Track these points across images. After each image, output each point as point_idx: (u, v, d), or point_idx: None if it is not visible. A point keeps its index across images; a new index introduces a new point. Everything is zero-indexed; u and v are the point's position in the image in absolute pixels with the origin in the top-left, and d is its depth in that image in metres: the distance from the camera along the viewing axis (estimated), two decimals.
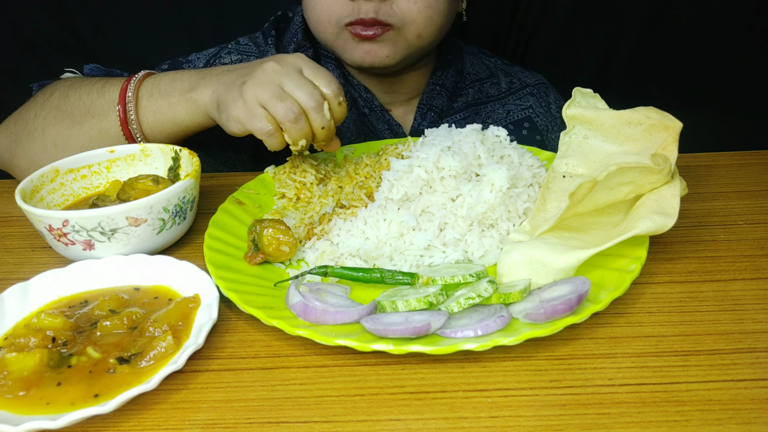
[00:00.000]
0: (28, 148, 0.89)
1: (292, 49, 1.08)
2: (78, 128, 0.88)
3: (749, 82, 1.48)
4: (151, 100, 0.86)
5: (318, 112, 0.77)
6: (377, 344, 0.55)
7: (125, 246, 0.72)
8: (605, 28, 1.45)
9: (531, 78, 1.22)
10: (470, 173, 0.75)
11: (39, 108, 0.90)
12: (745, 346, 0.56)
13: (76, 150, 0.86)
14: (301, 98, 0.76)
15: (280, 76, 0.77)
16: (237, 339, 0.62)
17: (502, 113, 1.17)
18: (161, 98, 0.86)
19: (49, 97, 0.90)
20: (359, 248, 0.71)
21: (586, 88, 0.79)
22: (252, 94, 0.76)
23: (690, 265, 0.69)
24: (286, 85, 0.76)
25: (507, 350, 0.57)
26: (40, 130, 0.88)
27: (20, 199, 0.73)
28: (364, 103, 1.10)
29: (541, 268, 0.63)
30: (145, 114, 0.86)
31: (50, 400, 0.52)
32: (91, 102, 0.88)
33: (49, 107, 0.89)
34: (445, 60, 1.14)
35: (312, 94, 0.77)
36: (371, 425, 0.50)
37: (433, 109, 1.12)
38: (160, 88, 0.86)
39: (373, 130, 1.12)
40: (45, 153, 0.88)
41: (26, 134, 0.89)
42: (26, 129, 0.90)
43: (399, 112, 1.15)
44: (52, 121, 0.88)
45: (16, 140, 0.90)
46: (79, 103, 0.88)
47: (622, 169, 0.63)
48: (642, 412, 0.50)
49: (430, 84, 1.13)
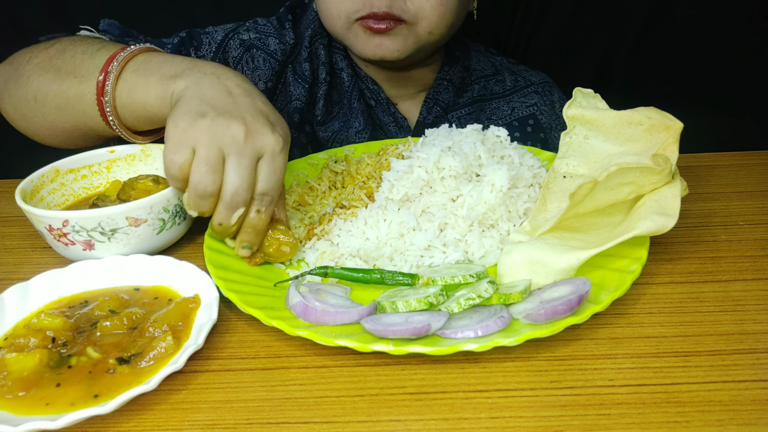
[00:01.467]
0: (13, 93, 0.86)
1: (308, 35, 1.09)
2: (57, 85, 0.82)
3: (749, 82, 1.47)
4: (133, 75, 0.76)
5: (228, 208, 0.66)
6: (377, 345, 0.55)
7: (125, 246, 0.72)
8: (605, 28, 1.45)
9: (536, 77, 1.23)
10: (470, 173, 0.75)
11: (35, 54, 0.86)
12: (745, 347, 0.56)
13: (51, 107, 0.81)
14: (227, 183, 0.65)
15: (232, 147, 0.65)
16: (237, 339, 0.62)
17: (507, 110, 1.18)
18: (143, 76, 0.75)
19: (48, 48, 0.86)
20: (359, 248, 0.71)
21: (587, 88, 0.79)
22: (197, 133, 0.65)
23: (691, 265, 0.69)
24: (230, 160, 0.65)
25: (507, 351, 0.57)
26: (25, 77, 0.84)
27: (20, 199, 0.73)
28: (371, 95, 1.11)
29: (542, 269, 0.63)
30: (122, 88, 0.76)
31: (50, 401, 0.52)
32: (80, 62, 0.81)
33: (44, 56, 0.85)
34: (452, 56, 1.16)
35: (239, 191, 0.65)
36: (371, 426, 0.50)
37: (439, 104, 1.13)
38: (148, 65, 0.76)
39: (379, 123, 1.13)
40: (26, 103, 0.84)
41: (14, 78, 0.86)
42: (16, 72, 0.86)
43: (405, 105, 1.16)
44: (39, 71, 0.84)
45: (5, 82, 0.88)
46: (71, 60, 0.82)
47: (623, 169, 0.63)
48: (642, 412, 0.50)
49: (438, 79, 1.14)
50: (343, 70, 1.10)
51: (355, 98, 1.10)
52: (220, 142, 0.64)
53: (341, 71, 1.10)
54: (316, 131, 1.10)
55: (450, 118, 1.15)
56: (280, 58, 1.07)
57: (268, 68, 1.07)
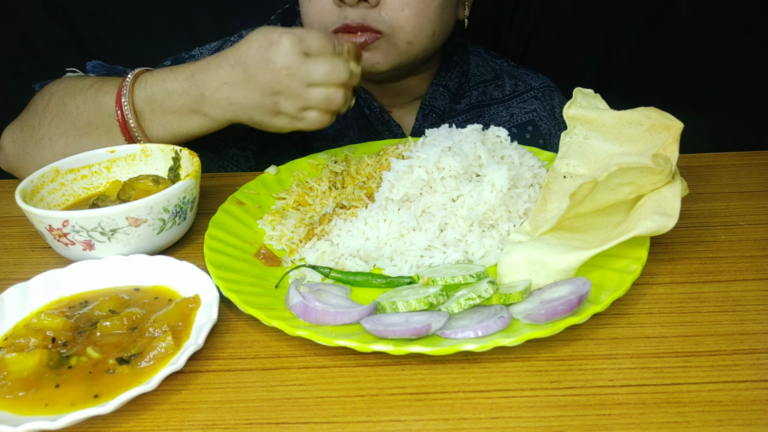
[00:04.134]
0: (36, 156, 0.89)
1: None
2: (86, 139, 0.87)
3: (749, 83, 1.47)
4: (155, 116, 0.85)
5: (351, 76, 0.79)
6: (377, 345, 0.55)
7: (125, 246, 0.72)
8: (605, 28, 1.45)
9: (536, 81, 1.21)
10: (471, 173, 0.75)
11: (41, 116, 0.89)
12: (746, 347, 0.56)
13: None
14: (333, 78, 0.77)
15: (300, 75, 0.77)
16: (237, 339, 0.62)
17: (506, 116, 1.17)
18: (168, 114, 0.84)
19: (48, 104, 0.89)
20: (359, 249, 0.71)
21: (587, 88, 0.79)
22: (292, 107, 0.79)
23: (691, 265, 0.69)
24: (313, 78, 0.77)
25: (507, 351, 0.57)
26: (47, 139, 0.88)
27: (20, 199, 0.73)
28: (364, 104, 1.10)
29: (542, 269, 0.63)
30: (156, 131, 0.86)
31: (50, 401, 0.52)
32: (89, 112, 0.86)
33: (51, 116, 0.88)
34: (449, 61, 1.14)
35: (336, 68, 0.77)
36: (371, 426, 0.50)
37: (435, 111, 1.12)
38: (158, 104, 0.84)
39: (373, 131, 1.12)
40: (55, 160, 0.86)
41: (33, 142, 0.89)
42: (33, 137, 0.89)
43: (400, 113, 1.15)
44: (56, 130, 0.87)
45: (23, 147, 0.90)
46: (77, 113, 0.87)
47: (623, 169, 0.63)
48: (643, 413, 0.50)
49: (433, 85, 1.12)
50: None
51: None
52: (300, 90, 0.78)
53: None
54: (308, 140, 1.10)
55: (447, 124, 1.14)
56: None
57: None
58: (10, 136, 0.93)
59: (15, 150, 0.91)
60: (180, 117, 0.84)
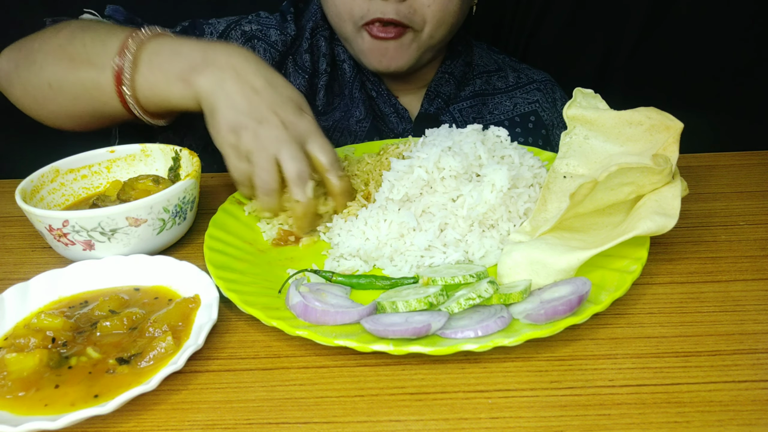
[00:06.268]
0: (24, 77, 0.89)
1: (309, 27, 1.10)
2: (74, 74, 0.85)
3: (749, 82, 1.47)
4: (151, 70, 0.81)
5: (297, 185, 0.74)
6: (377, 345, 0.55)
7: (125, 246, 0.72)
8: (605, 28, 1.45)
9: (538, 75, 1.24)
10: (471, 173, 0.75)
11: (44, 41, 0.88)
12: (746, 347, 0.56)
13: (68, 95, 0.85)
14: (288, 171, 0.73)
15: (279, 145, 0.73)
16: (237, 339, 0.62)
17: (509, 105, 1.18)
18: (160, 72, 0.80)
19: (57, 34, 0.88)
20: (359, 249, 0.71)
21: (587, 88, 0.79)
22: (246, 146, 0.74)
23: (691, 265, 0.69)
24: (281, 155, 0.73)
25: (507, 351, 0.57)
26: (38, 64, 0.87)
27: (20, 199, 0.73)
28: (372, 87, 1.12)
29: (542, 269, 0.63)
30: (141, 83, 0.81)
31: (50, 401, 0.52)
32: (92, 49, 0.84)
33: (55, 44, 0.87)
34: (454, 50, 1.16)
35: (301, 170, 0.74)
36: (371, 426, 0.50)
37: (440, 96, 1.14)
38: (161, 58, 0.80)
39: (380, 113, 1.13)
40: (39, 89, 0.87)
41: (26, 64, 0.89)
42: (27, 59, 0.89)
43: (407, 98, 1.17)
44: (52, 59, 0.86)
45: (16, 67, 0.90)
46: (82, 48, 0.85)
47: (623, 169, 0.63)
48: (643, 413, 0.50)
49: (439, 72, 1.15)
50: (344, 62, 1.11)
51: (356, 89, 1.11)
52: (267, 146, 0.73)
53: (343, 62, 1.11)
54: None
55: (452, 110, 1.15)
56: (280, 49, 1.09)
57: (268, 59, 1.08)
58: (7, 55, 0.92)
59: (8, 69, 0.91)
60: (167, 81, 0.80)
